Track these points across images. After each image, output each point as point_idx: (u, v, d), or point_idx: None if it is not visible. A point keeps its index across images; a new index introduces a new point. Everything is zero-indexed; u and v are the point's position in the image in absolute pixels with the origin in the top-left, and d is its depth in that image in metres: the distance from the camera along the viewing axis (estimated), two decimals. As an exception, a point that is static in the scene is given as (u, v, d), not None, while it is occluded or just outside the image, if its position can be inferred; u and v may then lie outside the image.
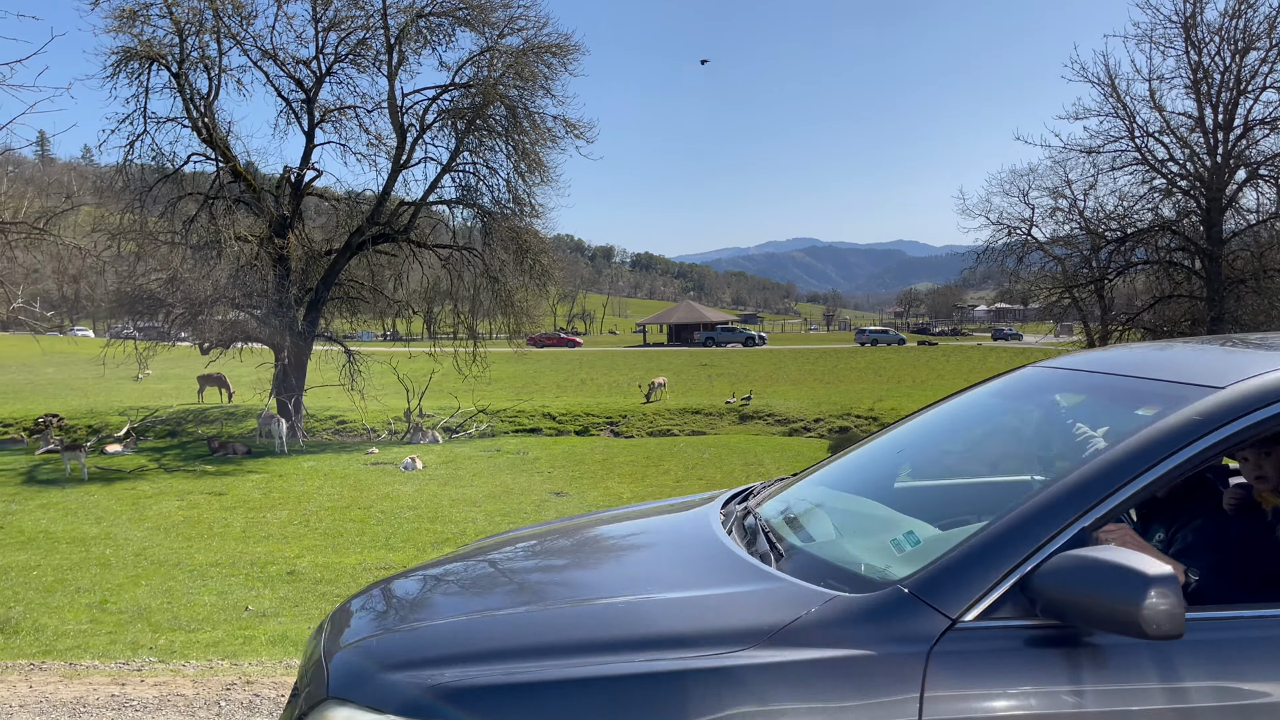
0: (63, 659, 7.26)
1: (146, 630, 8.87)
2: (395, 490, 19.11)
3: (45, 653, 7.69)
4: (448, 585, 3.48)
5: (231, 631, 8.72)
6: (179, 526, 15.71)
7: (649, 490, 18.98)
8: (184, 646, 8.12)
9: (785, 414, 34.20)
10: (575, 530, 3.92)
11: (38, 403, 36.59)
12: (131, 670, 6.59)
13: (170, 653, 7.74)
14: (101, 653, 7.73)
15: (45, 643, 8.24)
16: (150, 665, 6.83)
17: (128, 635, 8.70)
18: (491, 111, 29.91)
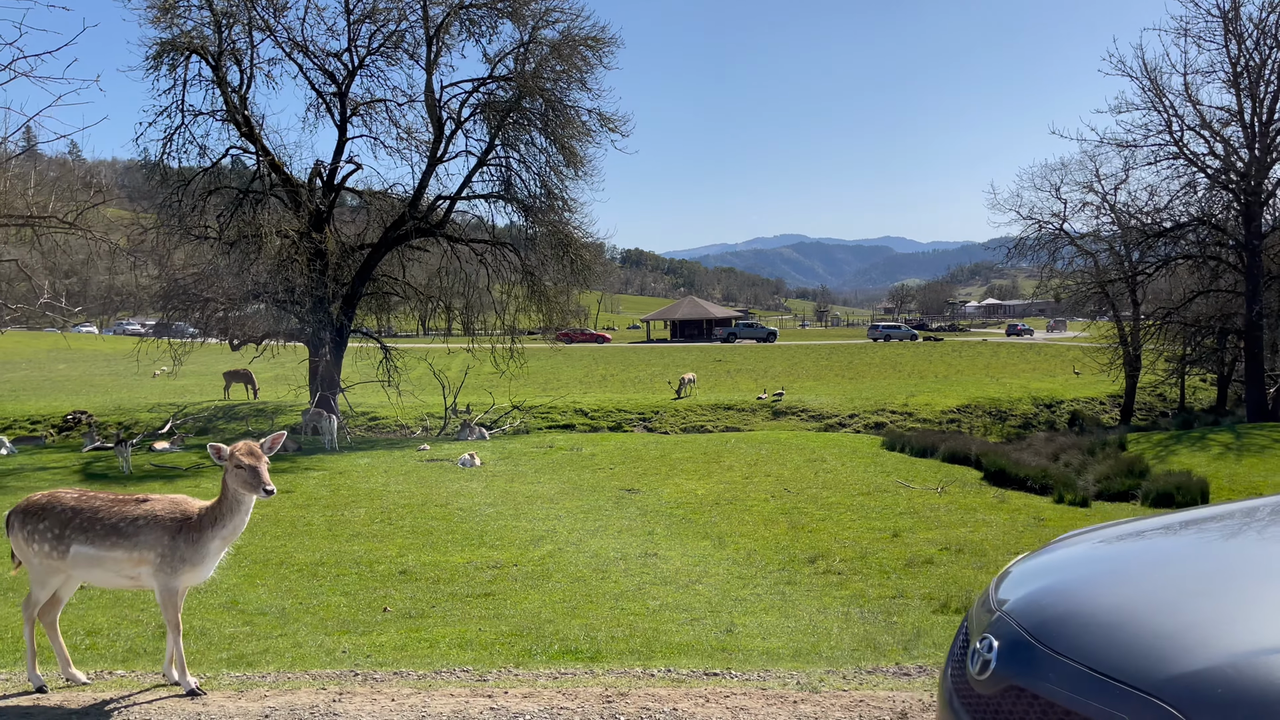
0: (303, 667, 7.01)
1: (317, 633, 8.60)
2: (464, 487, 18.83)
3: (248, 663, 7.41)
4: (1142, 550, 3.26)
5: (407, 635, 8.45)
6: (260, 524, 15.39)
7: (719, 486, 18.77)
8: (378, 650, 7.86)
9: (819, 409, 34.04)
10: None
11: (58, 400, 36.13)
12: (470, 679, 6.27)
13: (385, 660, 7.48)
14: (320, 660, 7.46)
15: (229, 648, 7.95)
16: (484, 676, 6.54)
17: (302, 637, 8.43)
18: (529, 104, 29.63)
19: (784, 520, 15.36)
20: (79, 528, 5.91)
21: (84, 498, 6.10)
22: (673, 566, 12.25)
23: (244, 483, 5.78)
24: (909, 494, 17.53)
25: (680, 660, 7.24)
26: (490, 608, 10.03)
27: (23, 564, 6.27)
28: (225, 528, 5.93)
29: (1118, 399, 37.42)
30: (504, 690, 5.53)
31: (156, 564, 5.86)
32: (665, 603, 10.25)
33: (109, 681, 6.41)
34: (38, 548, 6.02)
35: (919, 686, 6.03)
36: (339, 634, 8.54)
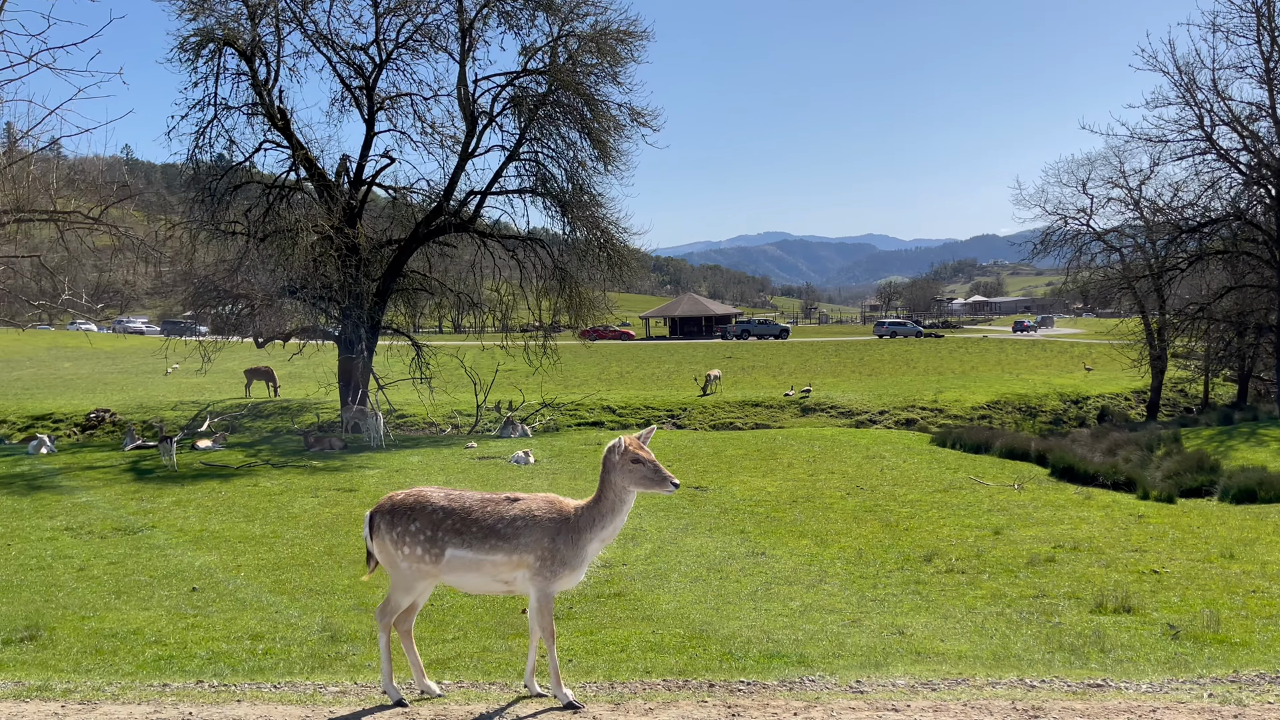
0: (543, 676, 6.73)
1: (490, 636, 8.34)
2: (529, 485, 18.53)
3: (460, 669, 7.14)
4: None
5: (585, 639, 8.20)
6: (339, 525, 15.11)
7: (788, 484, 18.56)
8: (576, 654, 7.61)
9: (848, 406, 33.91)
10: None
11: (74, 398, 35.59)
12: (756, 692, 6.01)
13: (606, 665, 7.23)
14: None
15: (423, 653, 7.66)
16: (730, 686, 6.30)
17: (488, 642, 8.17)
18: (561, 98, 29.32)
19: (872, 518, 15.17)
20: (453, 529, 5.60)
21: (453, 496, 5.75)
22: (787, 566, 12.03)
23: (643, 479, 5.44)
24: (986, 491, 17.37)
25: (902, 668, 7.02)
26: (628, 608, 9.78)
27: (381, 568, 5.88)
28: (605, 528, 5.60)
29: (1141, 394, 37.44)
30: (905, 704, 5.27)
31: (535, 567, 5.53)
32: (805, 603, 10.03)
33: (468, 693, 6.06)
34: (408, 551, 5.68)
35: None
36: (512, 637, 8.28)
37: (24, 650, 7.62)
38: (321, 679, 6.60)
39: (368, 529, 5.90)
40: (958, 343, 69.50)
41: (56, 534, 14.56)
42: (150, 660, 7.35)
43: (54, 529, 14.94)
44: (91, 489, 18.55)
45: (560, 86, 28.66)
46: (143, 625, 8.55)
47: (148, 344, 68.71)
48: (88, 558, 12.82)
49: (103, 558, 12.82)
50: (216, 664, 7.26)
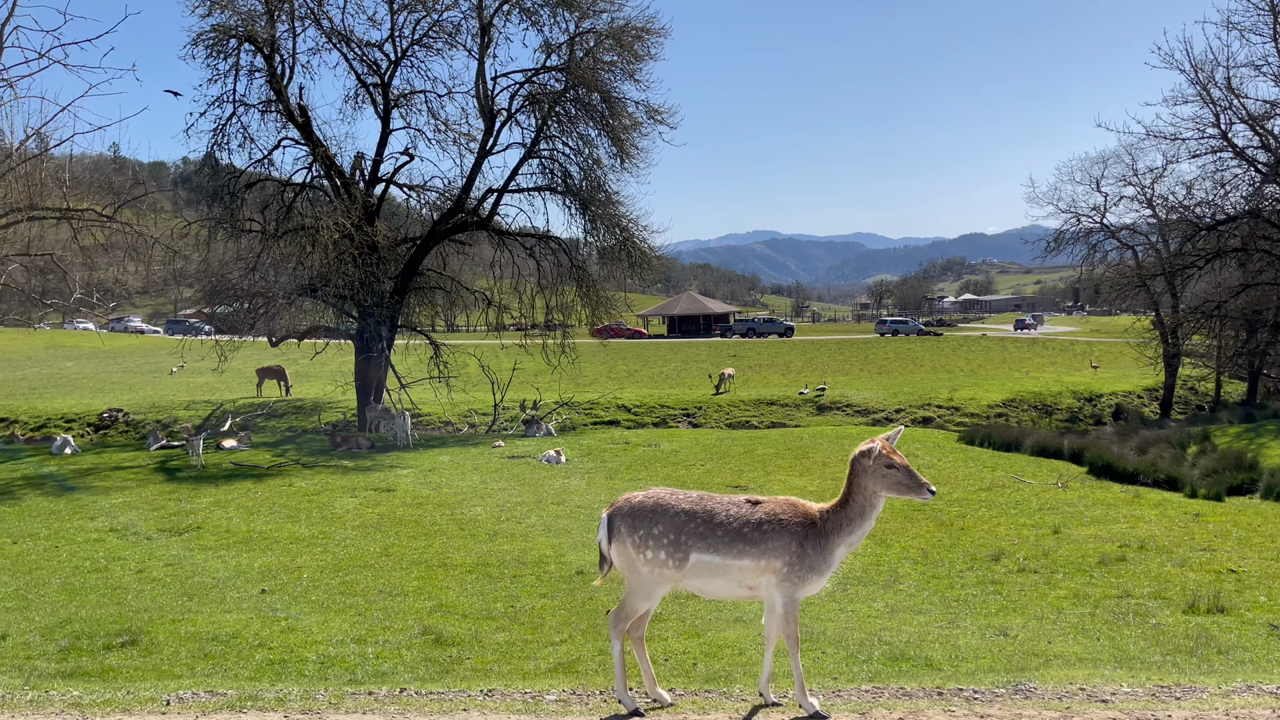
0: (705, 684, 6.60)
1: (597, 639, 8.22)
2: (568, 484, 18.42)
3: (582, 675, 7.00)
4: None
5: (695, 645, 8.09)
6: (386, 525, 14.96)
7: (826, 483, 18.45)
8: (709, 656, 7.50)
9: (863, 404, 33.86)
10: None
11: (82, 398, 35.33)
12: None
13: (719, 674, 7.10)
14: (688, 672, 7.07)
15: (548, 658, 7.54)
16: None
17: (606, 646, 8.05)
18: (580, 95, 29.17)
19: (923, 518, 15.09)
20: (697, 534, 5.45)
21: (693, 499, 5.58)
22: (853, 566, 11.93)
23: (896, 484, 5.32)
24: (1031, 490, 17.32)
25: (1053, 672, 6.93)
26: (712, 609, 9.64)
27: (616, 572, 5.70)
28: (854, 533, 5.47)
29: (1154, 392, 37.50)
30: (1165, 714, 5.17)
31: (783, 573, 5.38)
32: (889, 605, 9.94)
33: (700, 702, 5.88)
34: (651, 555, 5.50)
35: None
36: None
37: (129, 655, 7.46)
38: (446, 684, 6.47)
39: (605, 532, 5.73)
40: (959, 341, 69.54)
41: (102, 535, 14.38)
42: (263, 664, 7.21)
43: (98, 530, 14.76)
44: (125, 489, 18.34)
45: (580, 83, 28.52)
46: (237, 628, 8.40)
47: (146, 343, 68.37)
48: (142, 559, 12.65)
49: (157, 559, 12.66)
50: (333, 667, 7.13)
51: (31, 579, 11.50)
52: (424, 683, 6.52)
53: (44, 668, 7.10)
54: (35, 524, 15.18)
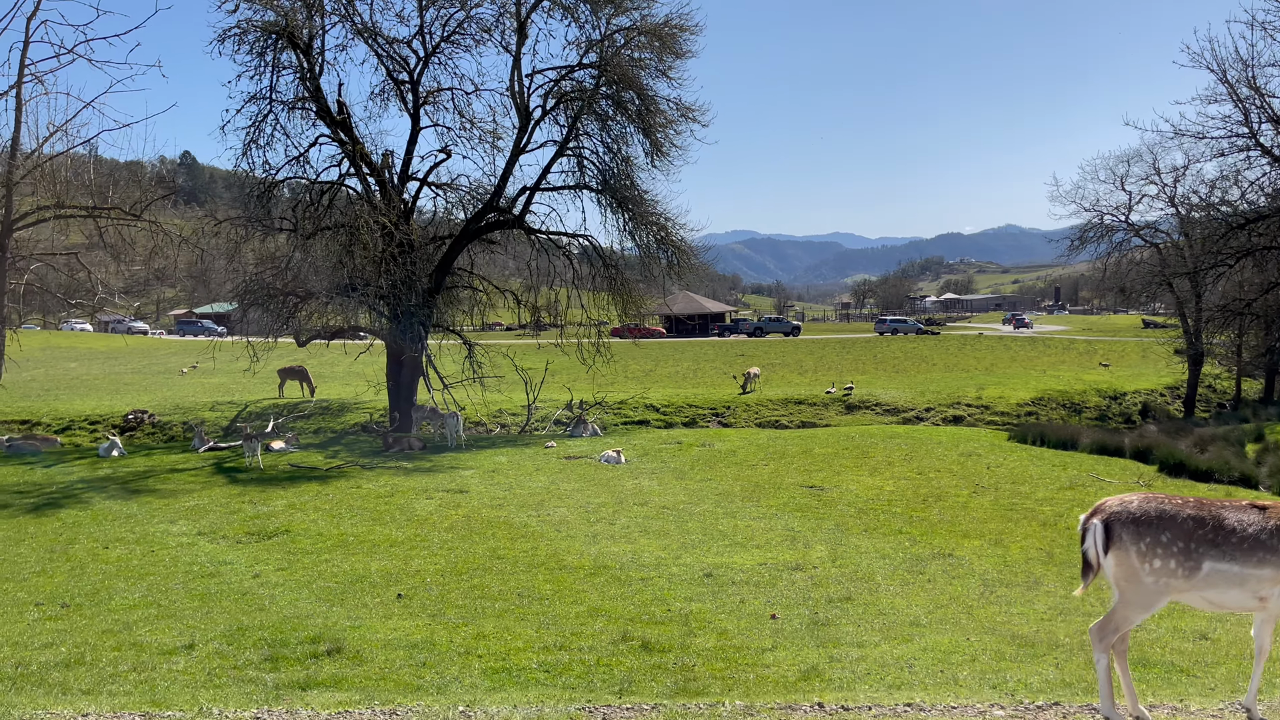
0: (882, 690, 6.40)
1: (801, 644, 8.02)
2: (640, 485, 18.21)
3: (830, 682, 6.79)
4: None
5: (908, 650, 7.90)
6: (476, 527, 14.72)
7: (902, 483, 18.36)
8: (941, 661, 7.30)
9: (892, 403, 33.80)
10: None
11: (100, 399, 34.78)
12: None
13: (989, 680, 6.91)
14: (894, 675, 6.86)
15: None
16: None
17: (806, 654, 7.84)
18: (616, 93, 28.92)
19: (1022, 518, 15.00)
20: (1208, 541, 5.20)
21: (1194, 504, 5.32)
22: (984, 567, 11.81)
23: None
24: (1113, 489, 17.25)
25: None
26: (874, 613, 9.50)
27: (1104, 581, 5.43)
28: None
29: (1174, 390, 37.68)
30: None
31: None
32: (1050, 607, 9.81)
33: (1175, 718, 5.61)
34: (1159, 564, 5.24)
35: None
36: (832, 645, 7.95)
37: (342, 664, 7.19)
38: (751, 698, 6.25)
39: (1101, 539, 5.46)
40: (960, 340, 69.60)
41: (191, 539, 14.06)
42: (490, 672, 6.95)
43: (185, 533, 14.43)
44: (191, 492, 17.99)
45: (619, 80, 28.26)
46: (425, 635, 8.14)
47: (144, 344, 67.50)
48: (249, 563, 12.35)
49: (263, 563, 12.37)
50: (563, 675, 6.89)
51: (149, 584, 11.18)
52: (721, 696, 6.30)
53: (263, 678, 6.83)
54: (117, 528, 14.83)
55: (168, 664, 7.28)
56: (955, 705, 5.76)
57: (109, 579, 11.55)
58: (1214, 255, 32.16)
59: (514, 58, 28.70)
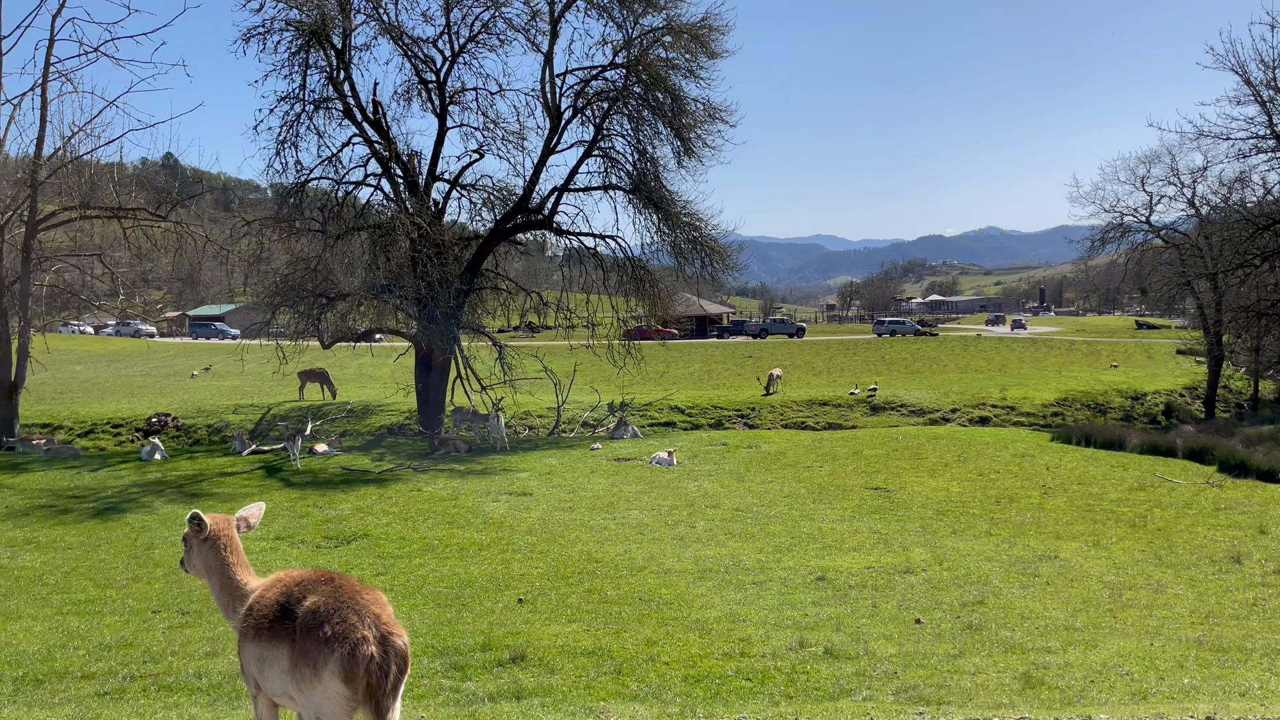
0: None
1: (910, 652, 7.87)
2: (702, 488, 18.05)
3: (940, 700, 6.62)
4: None
5: (1099, 656, 7.76)
6: (556, 529, 14.52)
7: (966, 485, 18.27)
8: (1150, 667, 7.14)
9: (917, 404, 33.79)
10: None
11: (119, 402, 34.38)
12: None
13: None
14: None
15: (893, 680, 7.16)
16: None
17: (941, 663, 7.70)
18: (647, 93, 28.74)
19: (1105, 519, 14.92)
20: None
21: None
22: (1098, 569, 11.71)
23: None
24: (1186, 490, 17.22)
25: None
26: (1015, 617, 9.37)
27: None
28: None
29: (1193, 390, 37.82)
30: None
31: None
32: (1192, 610, 9.69)
33: None
34: None
35: None
36: (1016, 652, 7.81)
37: (535, 672, 7.00)
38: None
39: None
40: (961, 341, 69.76)
41: (272, 543, 13.82)
42: (692, 679, 6.78)
43: (263, 537, 14.17)
44: (249, 495, 17.71)
45: (652, 81, 28.09)
46: (591, 641, 7.95)
47: (142, 346, 66.84)
48: (342, 568, 12.09)
49: (358, 568, 12.15)
50: (767, 683, 6.73)
51: (255, 591, 10.93)
52: (838, 696, 6.17)
53: (461, 687, 6.63)
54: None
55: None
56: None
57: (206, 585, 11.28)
58: (1240, 255, 32.23)
59: (545, 57, 28.49)
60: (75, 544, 13.87)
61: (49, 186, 27.80)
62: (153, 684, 6.67)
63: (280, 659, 4.25)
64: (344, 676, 4.03)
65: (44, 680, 6.80)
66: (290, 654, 4.19)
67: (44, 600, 10.50)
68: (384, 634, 4.14)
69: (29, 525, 15.17)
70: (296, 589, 4.40)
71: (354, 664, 4.03)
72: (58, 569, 12.14)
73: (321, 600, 4.23)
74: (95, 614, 9.79)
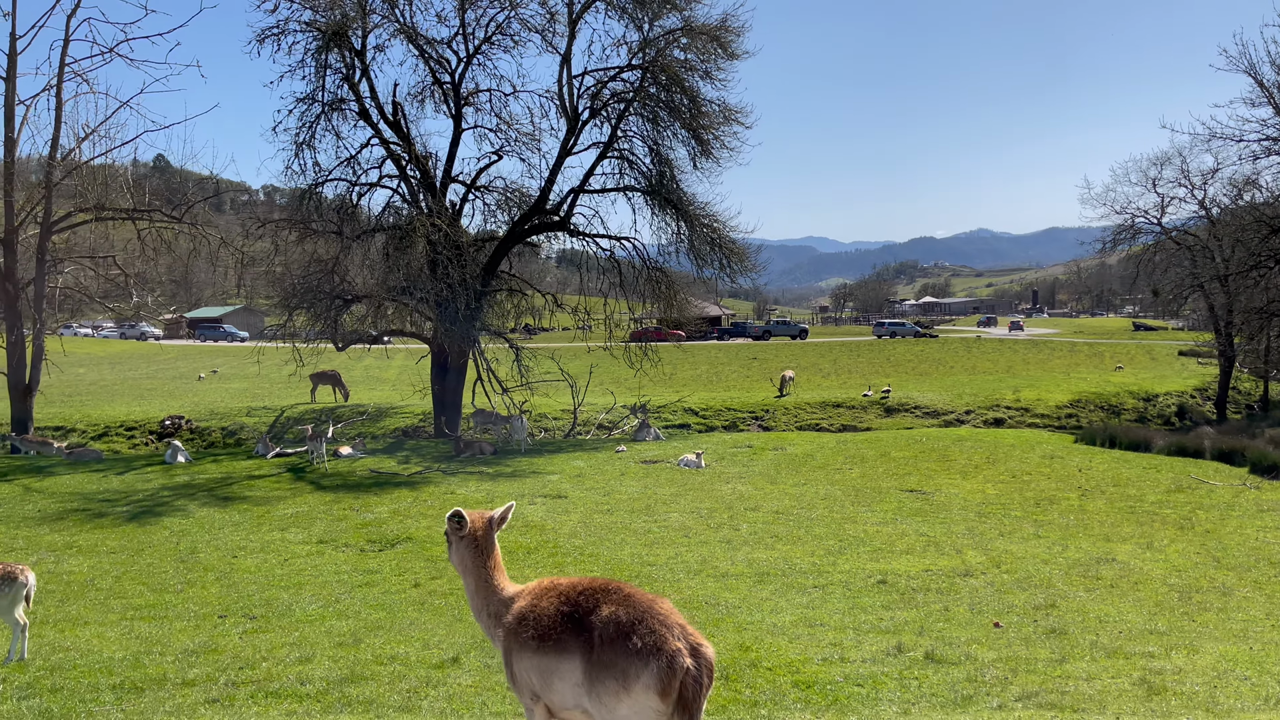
0: None
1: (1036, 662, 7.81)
2: (737, 490, 17.98)
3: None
4: None
5: (1203, 661, 7.71)
6: (600, 533, 14.42)
7: (1000, 487, 18.23)
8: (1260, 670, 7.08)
9: (931, 406, 33.79)
10: None
11: (130, 405, 34.14)
12: None
13: None
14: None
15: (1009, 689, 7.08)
16: None
17: (1049, 670, 7.63)
18: (664, 94, 28.68)
19: (1150, 520, 14.89)
20: None
21: None
22: (1159, 572, 11.65)
23: None
24: (1226, 491, 17.22)
25: None
26: (1087, 622, 9.31)
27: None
28: None
29: (1203, 391, 37.88)
30: None
31: None
32: (1270, 613, 9.65)
33: None
34: None
35: None
36: (1119, 658, 7.75)
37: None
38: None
39: None
40: (962, 343, 69.83)
41: (316, 547, 13.72)
42: (801, 686, 6.71)
43: (305, 541, 14.08)
44: (283, 499, 17.59)
45: (670, 82, 28.02)
46: (777, 651, 7.86)
47: (142, 349, 66.59)
48: (395, 571, 12.04)
49: (411, 572, 12.08)
50: (887, 687, 6.65)
51: (314, 595, 10.84)
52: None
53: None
54: (231, 536, 14.44)
55: (450, 676, 6.97)
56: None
57: (265, 589, 11.20)
58: (1254, 257, 32.31)
59: (563, 58, 28.42)
60: (117, 548, 13.74)
61: (63, 187, 27.63)
62: (258, 690, 6.56)
63: (571, 671, 4.15)
64: (660, 690, 3.93)
65: (143, 688, 6.69)
66: (585, 666, 4.10)
67: (103, 605, 10.38)
68: (694, 645, 4.04)
69: (66, 529, 15.03)
70: (581, 598, 4.30)
71: (671, 676, 3.93)
72: (106, 574, 12.01)
73: (620, 610, 4.12)
74: (161, 619, 9.68)
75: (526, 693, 4.39)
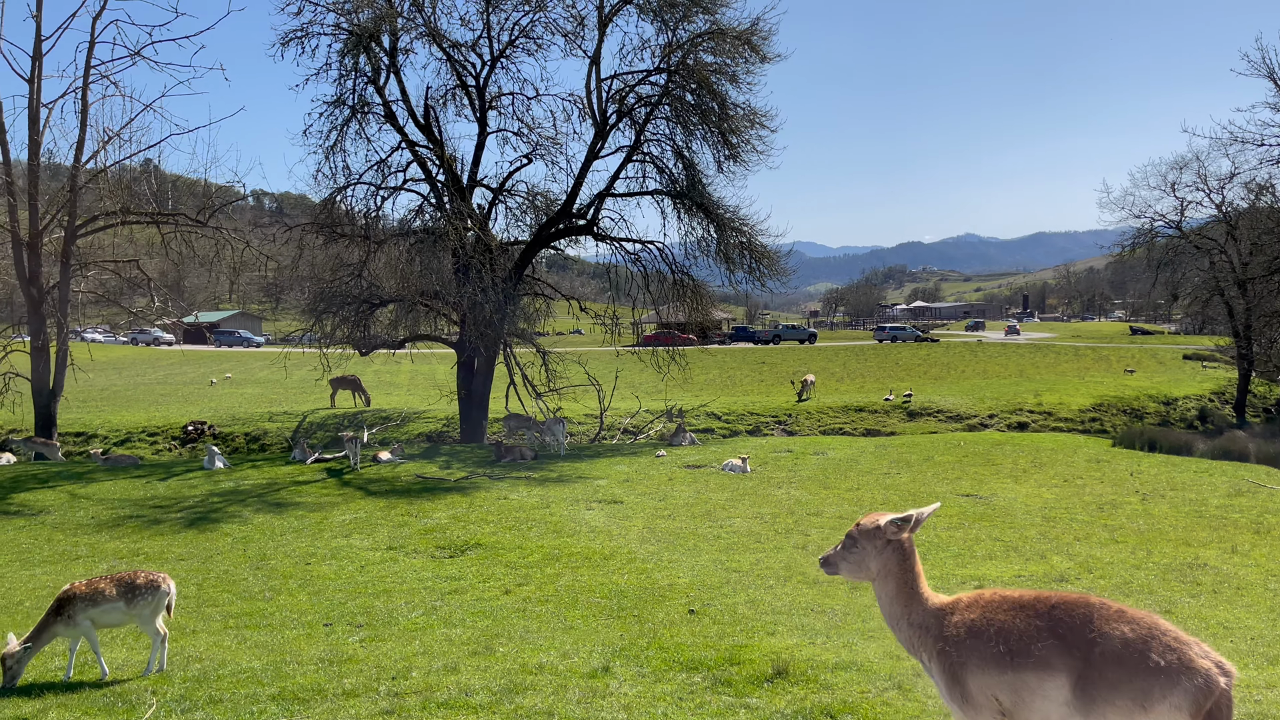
0: None
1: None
2: (792, 495, 17.85)
3: None
4: None
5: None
6: (669, 539, 14.28)
7: (1055, 491, 18.13)
8: None
9: (954, 410, 33.78)
10: None
11: (149, 410, 33.88)
12: None
13: None
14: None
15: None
16: None
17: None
18: (690, 98, 28.56)
19: (1224, 525, 14.82)
20: None
21: None
22: (1253, 577, 11.57)
23: None
24: (1283, 494, 17.21)
25: None
26: (1233, 627, 9.23)
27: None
28: None
29: (1221, 395, 38.01)
30: None
31: None
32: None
33: None
34: None
35: None
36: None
37: (809, 688, 6.77)
38: None
39: None
40: (965, 347, 69.86)
41: (386, 554, 13.56)
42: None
43: (375, 547, 13.92)
44: (336, 505, 17.39)
45: (699, 85, 27.91)
46: (835, 656, 7.74)
47: (145, 354, 66.10)
48: (479, 579, 11.87)
49: (494, 578, 11.90)
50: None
51: (408, 602, 10.67)
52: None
53: (749, 703, 6.41)
54: (297, 543, 14.26)
55: (611, 686, 6.82)
56: None
57: (354, 597, 11.02)
58: (1275, 262, 32.41)
59: (592, 60, 28.28)
60: (185, 555, 13.55)
61: (88, 191, 27.37)
62: (428, 700, 6.39)
63: (1057, 690, 3.95)
64: (1192, 710, 3.74)
65: (305, 699, 6.51)
66: (1078, 684, 3.90)
67: (200, 614, 10.20)
68: (1218, 662, 3.85)
69: (126, 536, 14.82)
70: (1056, 612, 4.09)
71: (1206, 697, 3.74)
72: (186, 581, 11.80)
73: (1124, 626, 3.92)
74: (266, 627, 9.50)
75: (987, 712, 4.18)
